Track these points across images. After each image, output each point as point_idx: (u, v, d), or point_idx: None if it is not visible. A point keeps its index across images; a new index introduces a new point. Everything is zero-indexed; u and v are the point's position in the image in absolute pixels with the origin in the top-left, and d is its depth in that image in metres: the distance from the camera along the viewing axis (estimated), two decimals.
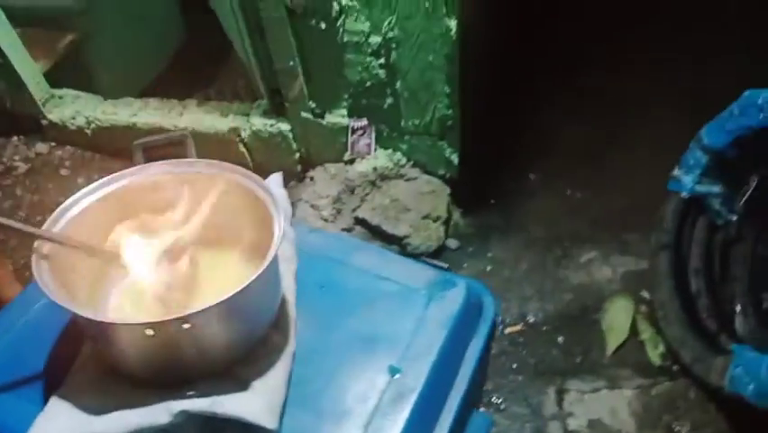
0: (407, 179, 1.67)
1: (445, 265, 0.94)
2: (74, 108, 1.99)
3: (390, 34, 1.43)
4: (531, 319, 1.51)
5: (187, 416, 0.63)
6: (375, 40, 1.45)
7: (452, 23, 1.37)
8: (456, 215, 1.76)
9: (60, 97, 2.03)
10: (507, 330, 1.49)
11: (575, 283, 1.57)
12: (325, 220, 1.62)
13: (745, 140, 1.37)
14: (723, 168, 1.44)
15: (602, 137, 1.90)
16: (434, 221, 1.65)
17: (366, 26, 1.43)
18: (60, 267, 0.66)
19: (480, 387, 0.99)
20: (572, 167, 1.87)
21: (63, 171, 2.01)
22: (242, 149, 1.76)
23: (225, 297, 0.60)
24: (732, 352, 1.26)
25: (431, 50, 1.44)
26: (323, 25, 1.46)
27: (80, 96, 2.04)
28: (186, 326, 0.61)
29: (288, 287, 0.80)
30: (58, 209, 0.70)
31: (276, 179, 0.92)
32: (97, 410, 0.64)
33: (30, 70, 1.92)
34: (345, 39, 1.47)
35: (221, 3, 1.62)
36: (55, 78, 2.02)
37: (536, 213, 1.79)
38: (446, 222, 1.69)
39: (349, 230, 1.61)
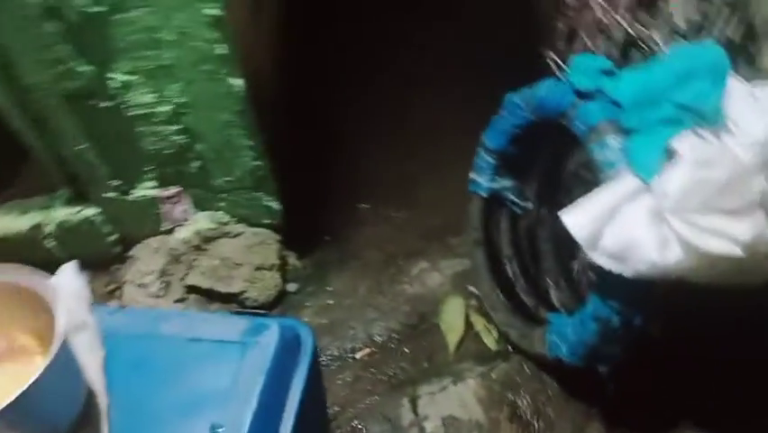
0: (233, 236, 1.68)
1: (261, 311, 0.98)
2: None
3: (177, 100, 1.45)
4: (378, 339, 1.58)
5: None
6: (164, 109, 1.46)
7: (237, 81, 1.42)
8: (291, 258, 1.79)
9: None
10: (359, 355, 1.55)
11: (411, 295, 1.67)
12: (157, 296, 1.57)
13: (519, 137, 1.56)
14: (509, 164, 1.62)
15: (415, 158, 2.05)
16: (269, 270, 1.67)
17: (151, 97, 1.44)
18: None
19: (320, 420, 1.02)
20: (394, 190, 1.99)
21: None
22: (49, 244, 1.65)
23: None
24: (548, 321, 1.41)
25: (223, 109, 1.47)
26: (106, 104, 1.43)
27: None
28: None
29: (95, 378, 0.78)
30: None
31: (69, 269, 0.89)
32: None
33: None
34: (133, 112, 1.45)
35: None
36: None
37: (368, 239, 1.88)
38: (281, 268, 1.71)
39: (182, 300, 1.58)
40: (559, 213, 1.10)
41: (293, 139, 1.97)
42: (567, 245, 1.70)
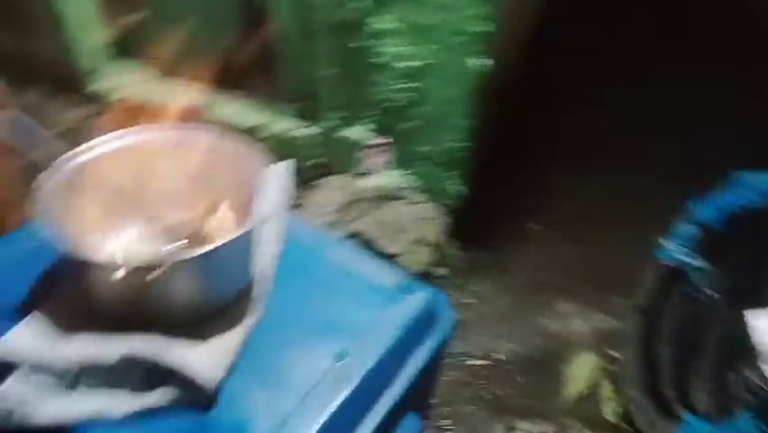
0: (409, 202, 1.74)
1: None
2: (122, 80, 2.12)
3: (425, 61, 1.52)
4: (497, 356, 1.56)
5: (131, 360, 0.69)
6: (410, 64, 1.54)
7: (484, 61, 1.46)
8: (449, 245, 1.82)
9: (113, 68, 2.16)
10: (473, 362, 1.54)
11: (547, 330, 1.62)
12: (322, 229, 1.70)
13: (735, 219, 1.42)
14: (711, 244, 1.48)
15: (602, 197, 1.96)
16: (427, 246, 1.71)
17: (405, 50, 1.52)
18: (65, 204, 0.74)
19: (425, 396, 1.04)
20: (569, 221, 1.93)
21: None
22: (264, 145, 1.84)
23: (187, 256, 0.68)
24: (684, 421, 1.29)
25: (456, 83, 1.52)
26: (365, 42, 1.55)
27: (130, 69, 2.16)
28: (155, 273, 0.68)
29: (268, 263, 0.87)
30: (74, 149, 0.79)
31: (283, 166, 1.00)
32: (61, 336, 0.70)
33: (91, 37, 2.06)
34: (383, 58, 1.56)
35: (277, 6, 1.73)
36: (118, 49, 2.16)
37: (526, 260, 1.85)
38: (439, 250, 1.75)
39: (345, 239, 1.68)
40: (748, 313, 1.00)
41: (499, 135, 1.97)
42: (736, 351, 1.54)
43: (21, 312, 0.77)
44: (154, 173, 0.85)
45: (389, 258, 1.67)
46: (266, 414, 0.72)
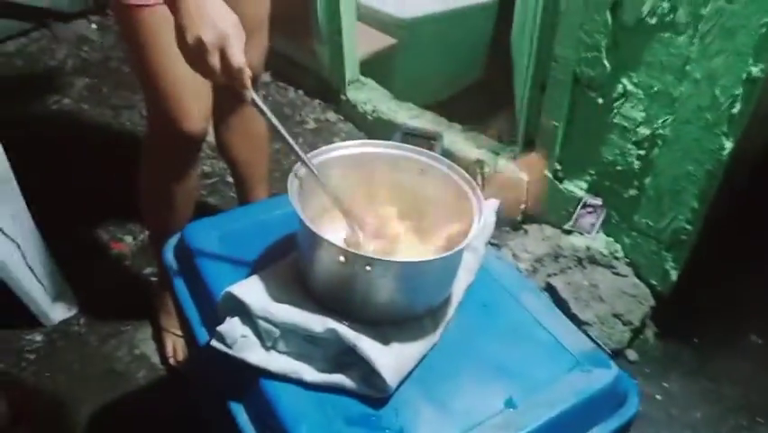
0: (615, 273, 1.63)
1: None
2: (368, 96, 2.33)
3: (661, 131, 1.43)
4: None
5: (334, 336, 0.76)
6: (644, 131, 1.47)
7: (728, 143, 1.33)
8: (649, 331, 1.66)
9: (363, 83, 2.38)
10: None
11: None
12: (519, 272, 1.67)
13: None
14: None
15: None
16: (624, 324, 1.58)
17: (641, 115, 1.46)
18: (302, 191, 0.84)
19: None
20: None
21: (337, 139, 2.35)
22: (479, 181, 1.89)
23: (401, 260, 0.73)
24: None
25: (694, 161, 1.41)
26: (600, 101, 1.52)
27: (377, 88, 2.37)
28: (368, 267, 0.74)
29: (458, 290, 0.89)
30: (321, 148, 0.89)
31: (492, 205, 1.02)
32: (275, 298, 0.80)
33: (352, 54, 2.30)
34: (616, 120, 1.51)
35: (520, 52, 1.78)
36: (366, 68, 2.39)
37: (737, 373, 1.61)
38: (636, 331, 1.61)
39: None
40: None
41: (734, 226, 1.76)
42: None
43: (255, 267, 0.90)
44: (377, 183, 0.93)
45: (580, 324, 1.58)
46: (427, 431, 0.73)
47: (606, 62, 1.45)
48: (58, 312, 1.64)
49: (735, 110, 1.30)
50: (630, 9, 1.36)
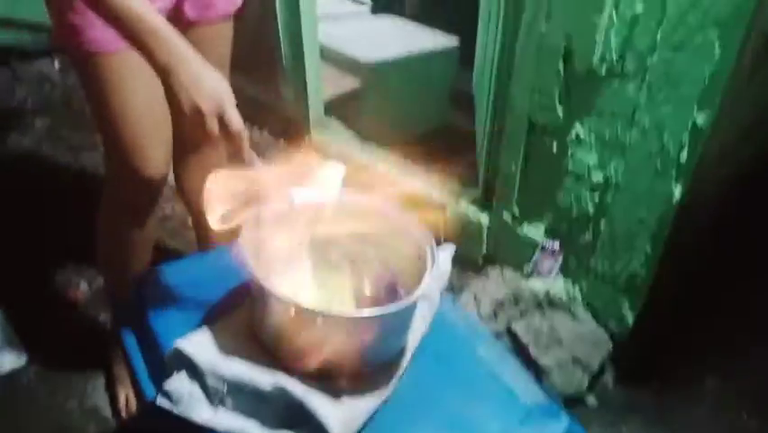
0: (574, 318, 1.65)
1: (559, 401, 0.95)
2: (332, 136, 2.34)
3: (613, 178, 1.47)
4: None
5: (282, 392, 0.74)
6: (597, 177, 1.50)
7: (677, 190, 1.37)
8: (608, 375, 1.67)
9: (327, 125, 2.40)
10: None
11: None
12: (480, 317, 1.67)
13: None
14: None
15: None
16: (583, 369, 1.59)
17: (594, 162, 1.50)
18: (263, 236, 0.83)
19: None
20: (756, 390, 1.66)
21: None
22: (440, 223, 1.90)
23: (352, 315, 0.72)
24: None
25: (645, 207, 1.44)
26: (555, 147, 1.55)
27: (342, 130, 2.39)
28: (319, 321, 0.73)
29: (412, 340, 0.88)
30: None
31: (447, 250, 1.03)
32: (226, 351, 0.78)
33: (316, 94, 2.33)
34: (570, 166, 1.54)
35: (480, 97, 1.82)
36: (331, 107, 2.42)
37: (695, 419, 1.62)
38: (595, 376, 1.62)
39: (497, 335, 1.64)
40: None
41: (688, 272, 1.80)
42: None
43: (208, 318, 0.88)
44: (332, 229, 0.93)
45: (539, 369, 1.58)
46: None
47: (559, 110, 1.50)
48: (6, 362, 1.57)
49: (682, 158, 1.34)
50: (581, 58, 1.41)
